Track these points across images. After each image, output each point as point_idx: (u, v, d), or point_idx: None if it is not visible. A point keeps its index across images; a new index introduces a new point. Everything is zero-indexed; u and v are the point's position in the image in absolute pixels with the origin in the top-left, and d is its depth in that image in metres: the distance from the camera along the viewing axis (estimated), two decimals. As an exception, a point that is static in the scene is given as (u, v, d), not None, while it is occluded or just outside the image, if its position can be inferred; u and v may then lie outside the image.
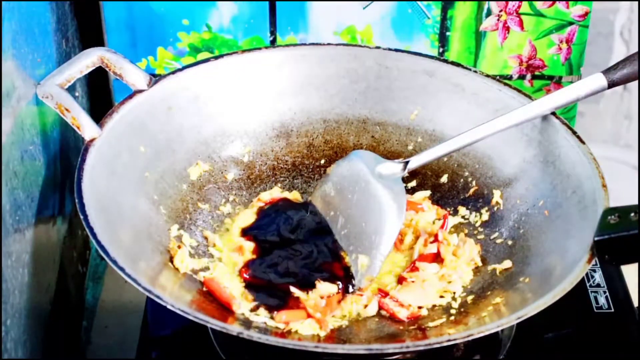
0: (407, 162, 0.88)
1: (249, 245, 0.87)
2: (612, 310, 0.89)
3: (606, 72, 0.86)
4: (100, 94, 1.07)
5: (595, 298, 0.90)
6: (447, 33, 1.04)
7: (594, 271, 0.92)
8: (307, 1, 1.02)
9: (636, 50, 1.14)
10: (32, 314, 0.78)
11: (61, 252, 0.90)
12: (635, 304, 0.90)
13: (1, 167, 0.72)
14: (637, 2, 1.13)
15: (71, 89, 0.98)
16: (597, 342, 0.87)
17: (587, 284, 0.91)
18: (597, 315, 0.89)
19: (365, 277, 0.84)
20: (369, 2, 1.02)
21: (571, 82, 1.06)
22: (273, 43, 1.04)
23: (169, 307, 0.72)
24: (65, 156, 0.93)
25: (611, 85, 0.86)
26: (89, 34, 1.04)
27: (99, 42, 1.03)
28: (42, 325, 0.81)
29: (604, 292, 0.91)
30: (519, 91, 0.90)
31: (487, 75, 0.92)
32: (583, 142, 0.85)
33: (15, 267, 0.74)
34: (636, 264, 0.94)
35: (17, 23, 0.80)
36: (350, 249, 0.85)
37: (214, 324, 0.72)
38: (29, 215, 0.79)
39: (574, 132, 0.86)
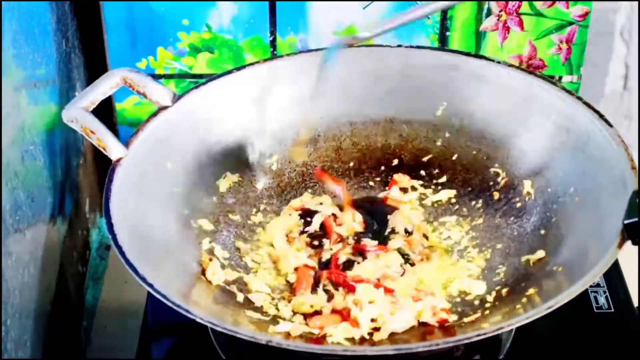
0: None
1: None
2: (612, 310, 0.89)
3: None
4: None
5: (595, 298, 0.90)
6: (447, 33, 1.04)
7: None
8: (307, 1, 1.02)
9: (636, 50, 1.13)
10: (32, 314, 0.78)
11: (61, 252, 0.90)
12: (635, 304, 0.90)
13: (1, 167, 0.72)
14: (637, 2, 1.13)
15: (71, 89, 0.98)
16: (597, 342, 0.87)
17: (587, 284, 0.91)
18: (597, 315, 0.89)
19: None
20: (369, 2, 1.02)
21: (571, 82, 1.07)
22: (273, 43, 1.04)
23: (198, 320, 0.72)
24: (65, 156, 0.93)
25: None
26: (89, 34, 1.04)
27: (99, 42, 1.03)
28: (42, 325, 0.81)
29: (604, 292, 0.90)
30: (544, 78, 0.90)
31: (511, 65, 0.91)
32: (611, 125, 0.84)
33: (15, 267, 0.74)
34: (636, 264, 0.94)
35: (17, 23, 0.79)
36: None
37: (254, 336, 0.72)
38: (29, 215, 0.79)
39: (601, 116, 0.85)
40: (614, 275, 0.92)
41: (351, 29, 1.04)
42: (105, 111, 1.04)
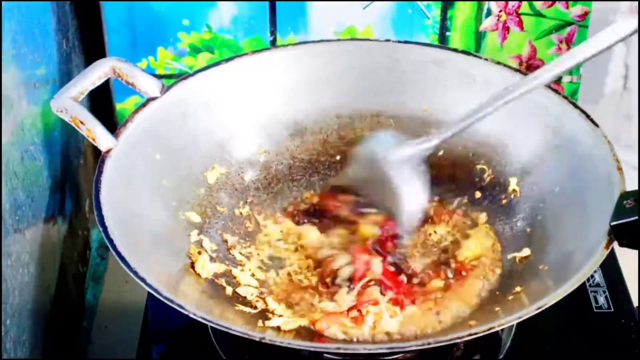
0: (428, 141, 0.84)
1: None
2: (612, 310, 0.89)
3: None
4: (100, 92, 1.07)
5: (595, 298, 0.90)
6: (447, 33, 1.04)
7: (594, 271, 0.92)
8: (307, 1, 1.02)
9: (636, 50, 1.14)
10: (32, 314, 0.78)
11: (61, 252, 0.90)
12: (635, 304, 0.90)
13: (1, 167, 0.72)
14: (637, 2, 1.13)
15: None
16: (597, 342, 0.87)
17: (587, 284, 0.91)
18: (597, 315, 0.89)
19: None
20: (369, 2, 1.02)
21: (571, 82, 1.07)
22: (273, 43, 1.04)
23: (191, 315, 0.71)
24: (65, 156, 0.93)
25: None
26: (89, 34, 1.04)
27: (99, 42, 1.03)
28: (42, 325, 0.81)
29: (604, 292, 0.90)
30: None
31: (498, 62, 0.91)
32: (597, 126, 0.84)
33: (15, 267, 0.75)
34: (636, 264, 0.94)
35: (17, 23, 0.80)
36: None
37: (238, 330, 0.71)
38: (29, 215, 0.79)
39: (588, 116, 0.85)
40: (614, 275, 0.92)
41: (351, 29, 1.04)
42: (105, 111, 1.05)
